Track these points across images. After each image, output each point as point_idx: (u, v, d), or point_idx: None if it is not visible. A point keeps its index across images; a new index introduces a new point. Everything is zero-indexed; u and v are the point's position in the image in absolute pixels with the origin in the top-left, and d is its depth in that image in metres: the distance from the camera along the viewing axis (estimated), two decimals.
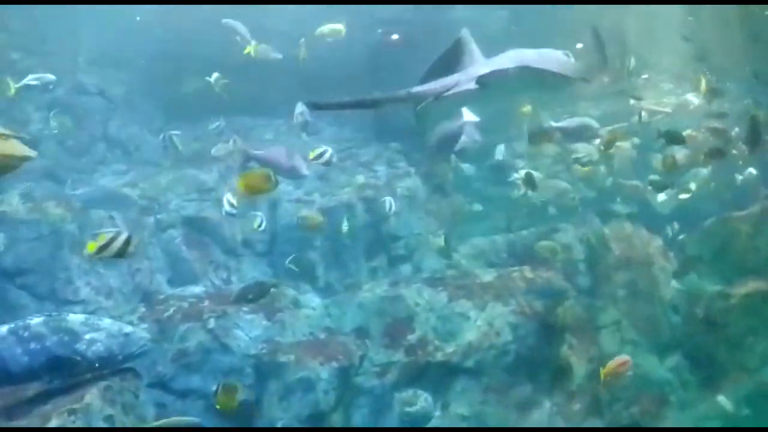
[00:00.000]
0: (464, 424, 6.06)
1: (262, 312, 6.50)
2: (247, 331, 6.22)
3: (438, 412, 6.17)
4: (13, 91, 5.79)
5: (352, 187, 7.57)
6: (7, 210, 5.97)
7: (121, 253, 4.40)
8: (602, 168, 8.43)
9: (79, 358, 4.60)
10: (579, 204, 8.10)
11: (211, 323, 6.10)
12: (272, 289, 5.57)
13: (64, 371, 4.66)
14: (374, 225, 7.54)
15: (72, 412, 4.73)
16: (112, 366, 4.86)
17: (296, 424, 5.84)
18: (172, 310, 6.15)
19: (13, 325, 4.52)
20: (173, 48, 7.38)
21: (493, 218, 7.81)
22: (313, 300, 7.06)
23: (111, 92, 7.50)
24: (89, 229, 6.27)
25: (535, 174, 7.12)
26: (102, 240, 4.32)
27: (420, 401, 6.18)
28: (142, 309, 6.08)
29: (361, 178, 7.83)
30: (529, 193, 7.26)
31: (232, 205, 5.92)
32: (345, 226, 6.89)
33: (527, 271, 6.99)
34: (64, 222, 6.01)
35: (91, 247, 4.33)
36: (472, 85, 4.46)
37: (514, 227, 7.96)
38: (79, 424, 4.73)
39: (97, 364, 4.72)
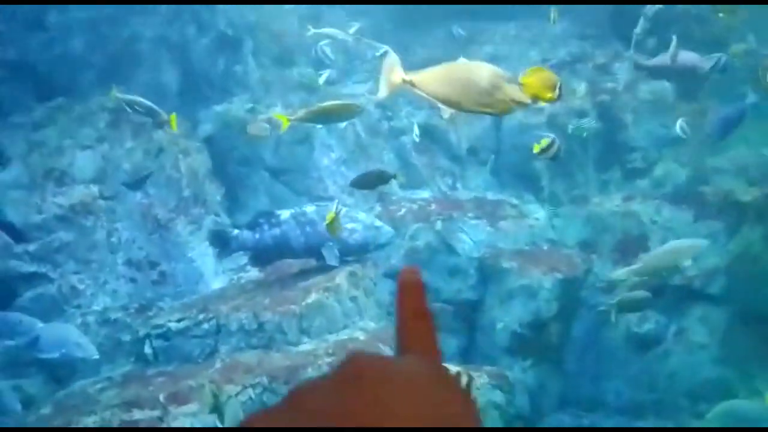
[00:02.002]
0: (703, 353, 5.57)
1: (485, 218, 6.65)
2: (472, 235, 6.46)
3: (671, 336, 5.76)
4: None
5: (584, 94, 7.03)
6: (272, 117, 6.95)
7: (555, 157, 5.20)
8: None
9: (342, 243, 5.50)
10: None
11: (438, 225, 6.46)
12: (392, 180, 5.55)
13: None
14: (609, 132, 6.95)
15: (327, 289, 5.59)
16: (365, 252, 5.69)
17: (516, 328, 6.02)
18: (403, 211, 6.65)
19: (293, 211, 5.63)
20: None
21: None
22: (536, 210, 6.97)
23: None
24: (336, 134, 6.99)
25: None
26: (544, 143, 5.07)
27: (650, 322, 5.84)
28: (378, 208, 6.69)
29: (594, 83, 7.20)
30: None
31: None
32: (575, 128, 6.52)
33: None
34: (315, 128, 6.78)
35: (536, 148, 5.10)
36: None
37: None
38: (331, 300, 5.57)
39: (355, 250, 5.59)
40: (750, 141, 6.50)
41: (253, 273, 6.26)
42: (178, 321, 5.28)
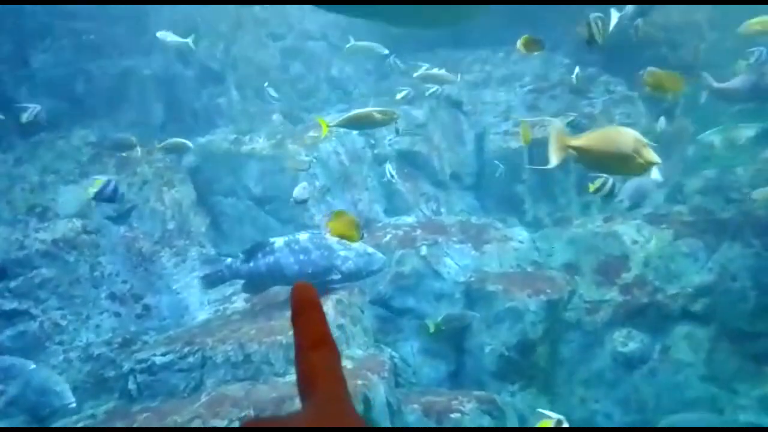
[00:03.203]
0: (688, 371, 5.61)
1: (470, 242, 6.70)
2: (457, 259, 6.50)
3: (656, 355, 5.80)
4: None
5: (561, 116, 7.18)
6: (255, 147, 7.01)
7: (610, 194, 5.23)
8: None
9: (335, 270, 5.53)
10: None
11: (423, 250, 6.50)
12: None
13: (323, 280, 5.68)
14: None
15: None
16: (357, 279, 5.73)
17: (504, 351, 6.03)
18: (389, 237, 6.69)
19: (287, 239, 5.69)
20: None
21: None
22: (520, 233, 7.04)
23: (332, 37, 8.13)
24: (321, 162, 7.05)
25: None
26: (598, 183, 5.16)
27: (635, 341, 5.88)
28: (365, 234, 6.73)
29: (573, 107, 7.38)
30: None
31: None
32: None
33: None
34: (299, 156, 6.84)
35: (591, 188, 5.17)
36: None
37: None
38: None
39: (347, 277, 5.63)
40: (723, 160, 6.67)
41: (239, 303, 6.24)
42: (163, 354, 5.22)
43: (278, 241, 5.68)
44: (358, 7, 1.78)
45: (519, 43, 5.35)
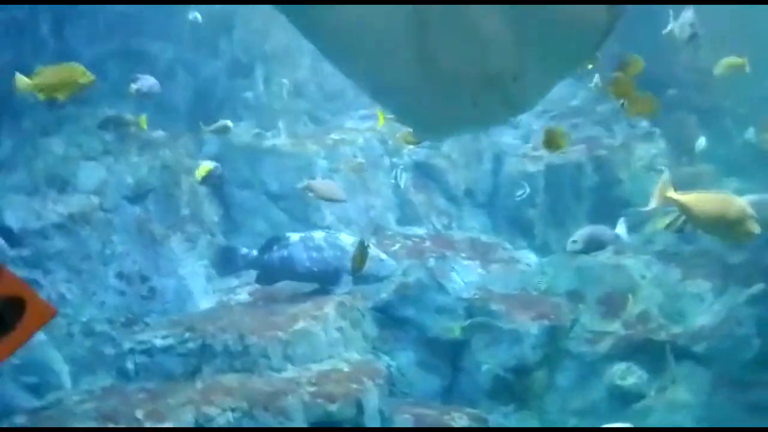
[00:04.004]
0: (684, 411, 5.57)
1: (478, 260, 6.72)
2: (463, 275, 6.51)
3: (653, 392, 5.77)
4: None
5: (583, 144, 7.21)
6: (276, 143, 7.09)
7: (681, 230, 4.78)
8: None
9: (346, 272, 5.61)
10: None
11: (431, 263, 6.52)
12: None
13: (333, 280, 5.75)
14: (604, 187, 7.11)
15: (314, 318, 5.61)
16: (366, 283, 5.80)
17: (500, 372, 6.02)
18: (397, 246, 6.73)
19: (303, 235, 5.81)
20: None
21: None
22: (528, 256, 7.05)
23: None
24: (336, 165, 7.11)
25: None
26: (667, 219, 4.82)
27: (633, 377, 5.85)
28: (373, 241, 6.76)
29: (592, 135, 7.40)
30: None
31: None
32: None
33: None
34: (318, 156, 6.91)
35: (661, 223, 4.96)
36: None
37: None
38: (318, 328, 5.58)
39: (356, 280, 5.71)
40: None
41: (243, 296, 6.28)
42: (164, 338, 5.27)
43: (294, 237, 5.83)
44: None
45: (543, 138, 4.65)
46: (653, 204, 4.13)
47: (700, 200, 4.02)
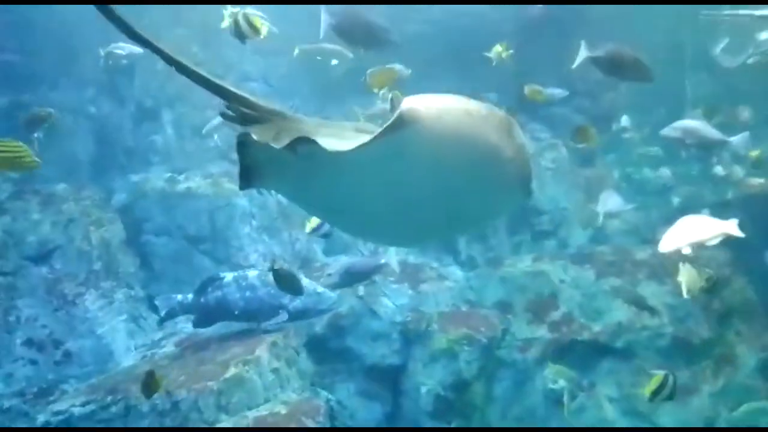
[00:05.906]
0: (612, 406, 5.85)
1: (407, 282, 6.80)
2: (394, 299, 6.56)
3: (583, 391, 6.02)
4: None
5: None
6: (191, 186, 6.89)
7: (670, 397, 4.53)
8: None
9: (282, 309, 5.50)
10: None
11: (361, 290, 6.52)
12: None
13: (268, 317, 5.62)
14: None
15: (246, 362, 5.44)
16: (305, 318, 5.72)
17: (440, 391, 6.08)
18: (327, 277, 6.68)
19: (236, 274, 5.67)
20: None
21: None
22: (454, 273, 7.21)
23: (272, 78, 8.19)
24: (257, 202, 7.01)
25: None
26: (656, 381, 4.43)
27: (563, 378, 6.08)
28: (302, 274, 6.68)
29: None
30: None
31: None
32: None
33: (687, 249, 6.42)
34: (237, 196, 6.78)
35: (647, 390, 4.42)
36: None
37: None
38: (252, 374, 5.42)
39: (294, 316, 5.62)
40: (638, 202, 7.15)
41: (169, 347, 6.00)
42: (83, 405, 4.93)
43: (228, 277, 5.71)
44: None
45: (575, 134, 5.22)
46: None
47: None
